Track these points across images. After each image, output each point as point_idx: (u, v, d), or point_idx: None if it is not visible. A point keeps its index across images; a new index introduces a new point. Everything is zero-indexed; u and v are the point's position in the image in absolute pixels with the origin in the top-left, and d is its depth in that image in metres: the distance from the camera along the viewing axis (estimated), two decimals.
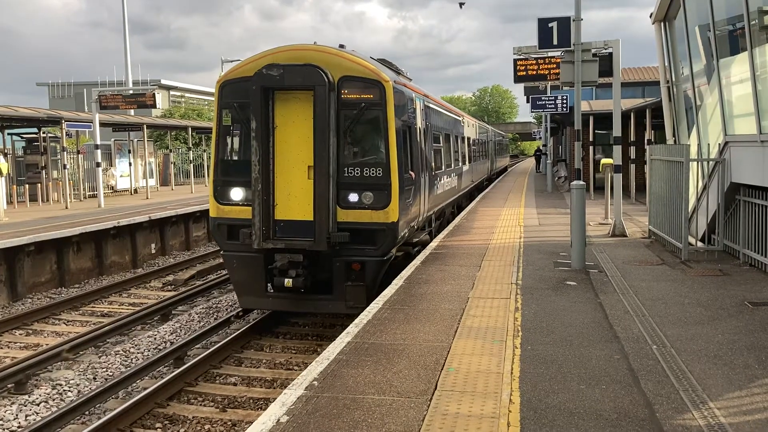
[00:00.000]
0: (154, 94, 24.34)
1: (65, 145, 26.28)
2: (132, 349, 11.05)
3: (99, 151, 25.46)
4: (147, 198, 28.56)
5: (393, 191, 10.55)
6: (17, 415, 8.47)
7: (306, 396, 5.49)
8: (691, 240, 12.39)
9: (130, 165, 32.55)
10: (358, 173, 10.61)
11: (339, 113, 10.47)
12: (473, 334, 7.22)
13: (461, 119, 22.32)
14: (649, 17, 15.81)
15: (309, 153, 10.38)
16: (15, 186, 26.48)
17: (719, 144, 11.98)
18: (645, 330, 7.33)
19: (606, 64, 14.45)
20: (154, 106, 24.85)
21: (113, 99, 24.12)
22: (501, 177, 44.66)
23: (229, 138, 11.38)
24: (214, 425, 8.11)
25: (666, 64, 15.53)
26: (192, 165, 36.64)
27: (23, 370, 9.74)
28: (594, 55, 13.28)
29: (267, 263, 10.83)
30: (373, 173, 10.61)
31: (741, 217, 11.07)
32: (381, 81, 10.59)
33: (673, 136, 15.50)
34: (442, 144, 16.70)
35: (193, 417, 8.34)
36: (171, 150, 38.50)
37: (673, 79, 15.36)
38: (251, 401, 8.83)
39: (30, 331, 12.70)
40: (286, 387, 5.79)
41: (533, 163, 60.64)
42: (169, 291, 16.03)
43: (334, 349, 6.72)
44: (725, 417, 5.00)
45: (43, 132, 28.21)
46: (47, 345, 11.38)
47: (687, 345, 6.77)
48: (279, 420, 5.01)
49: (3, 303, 14.80)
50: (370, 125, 10.88)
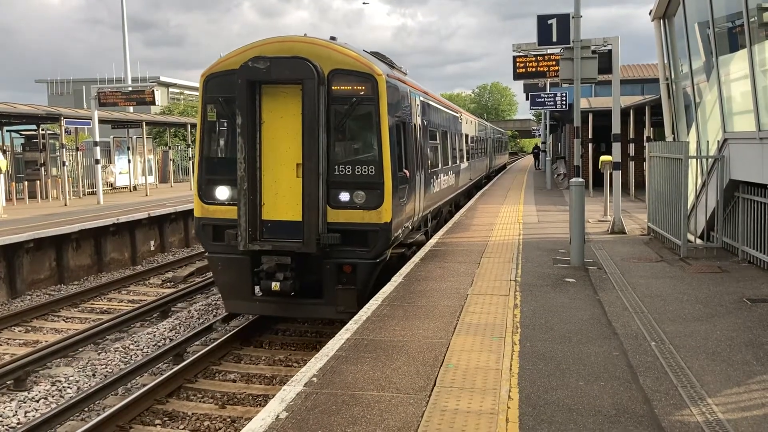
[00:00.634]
0: (153, 91, 24.27)
1: (64, 142, 26.28)
2: (131, 346, 11.05)
3: (98, 148, 25.43)
4: (146, 195, 28.56)
5: (386, 190, 10.12)
6: (16, 412, 8.48)
7: (305, 392, 5.49)
8: (690, 237, 12.40)
9: (129, 162, 32.55)
10: (349, 171, 10.14)
11: (329, 108, 10.02)
12: (472, 330, 7.23)
13: (459, 116, 21.91)
14: (649, 14, 15.82)
15: (298, 150, 9.97)
16: (14, 183, 26.47)
17: (718, 141, 11.99)
18: (644, 327, 7.34)
19: (605, 61, 14.43)
20: (153, 103, 24.79)
21: (112, 96, 24.08)
22: (500, 174, 44.69)
23: (215, 134, 10.91)
24: (213, 422, 8.12)
25: (665, 61, 15.53)
26: (191, 162, 36.64)
27: (23, 366, 9.75)
28: (593, 52, 13.28)
29: (254, 266, 10.37)
30: (365, 171, 10.13)
31: (740, 214, 11.08)
32: (373, 74, 10.11)
33: (673, 133, 15.51)
34: (439, 141, 16.27)
35: (193, 413, 8.35)
36: (170, 147, 38.53)
37: (673, 77, 15.36)
38: (250, 398, 8.84)
39: (29, 328, 12.71)
40: (285, 383, 5.80)
41: (532, 161, 60.71)
42: (169, 288, 16.04)
43: (333, 346, 6.73)
44: (723, 413, 5.01)
45: (42, 129, 28.19)
46: (46, 342, 11.39)
47: (685, 341, 6.78)
48: (278, 416, 5.02)
49: (2, 300, 14.79)
50: (361, 121, 10.41)
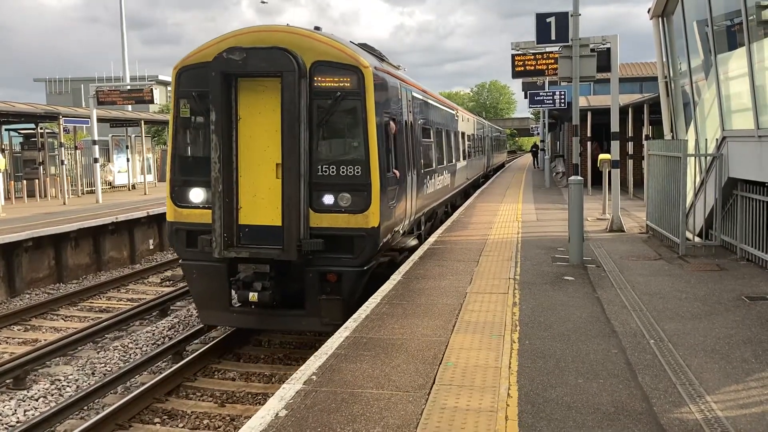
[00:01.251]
0: (151, 89, 24.24)
1: (63, 141, 26.26)
2: (130, 345, 11.06)
3: (96, 147, 25.42)
4: (145, 194, 28.54)
5: (373, 192, 9.42)
6: (16, 411, 8.49)
7: (305, 390, 5.50)
8: (689, 235, 12.41)
9: (127, 161, 32.51)
10: (333, 172, 9.45)
11: (311, 103, 9.33)
12: (471, 328, 7.24)
13: (455, 113, 21.26)
14: (647, 12, 15.81)
15: (277, 149, 9.30)
16: (13, 182, 26.45)
17: (717, 139, 11.99)
18: (642, 325, 7.35)
19: (604, 59, 14.43)
20: (151, 101, 24.80)
21: (111, 95, 24.05)
22: (499, 173, 44.69)
23: (188, 132, 10.20)
24: (212, 420, 8.13)
25: (664, 59, 15.53)
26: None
27: (22, 365, 9.75)
28: (592, 51, 13.27)
29: (231, 274, 9.69)
30: (351, 172, 9.44)
31: (738, 213, 11.09)
32: (359, 66, 9.41)
33: (671, 131, 15.51)
34: (433, 139, 15.58)
35: (192, 412, 8.36)
36: None
37: (671, 75, 15.36)
38: (250, 396, 8.85)
39: (28, 327, 12.71)
40: (284, 382, 5.80)
41: (531, 159, 60.73)
42: (168, 286, 16.04)
43: (332, 344, 6.73)
44: (722, 411, 5.02)
45: (41, 128, 28.18)
46: (46, 340, 11.39)
47: (684, 339, 6.79)
48: (277, 414, 5.03)
49: (1, 299, 14.79)
50: (346, 117, 9.70)
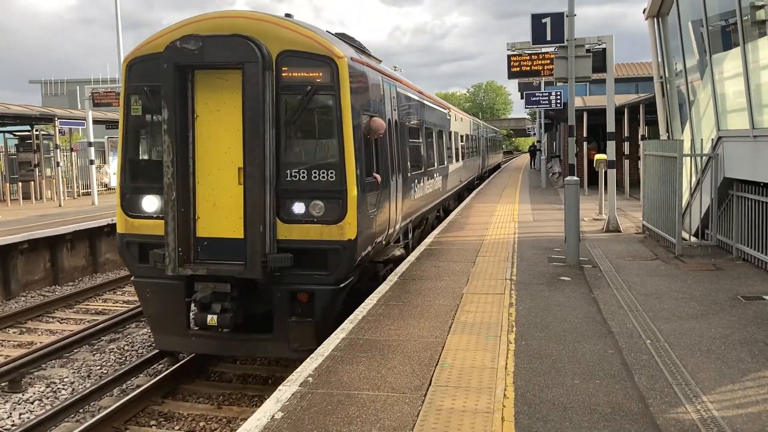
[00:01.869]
0: None
1: (58, 143, 26.21)
2: (126, 347, 11.03)
3: (92, 149, 25.38)
4: None
5: (349, 200, 8.43)
6: (11, 414, 8.46)
7: (301, 392, 5.49)
8: (685, 235, 12.43)
9: None
10: (304, 177, 8.46)
11: (279, 99, 8.35)
12: (468, 329, 7.23)
13: (447, 112, 20.17)
14: (643, 13, 15.84)
15: (239, 151, 8.33)
16: (8, 184, 26.40)
17: (712, 139, 12.02)
18: (639, 325, 7.35)
19: (599, 59, 14.48)
20: None
21: (106, 96, 24.00)
22: (494, 174, 44.69)
23: (141, 132, 9.20)
24: (209, 422, 8.11)
25: (659, 59, 15.56)
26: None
27: (17, 368, 9.71)
28: (587, 51, 13.31)
29: (189, 293, 8.73)
30: (324, 177, 8.46)
31: (734, 212, 11.11)
32: (332, 57, 8.40)
33: (667, 131, 15.54)
34: (421, 140, 14.49)
35: (188, 414, 8.33)
36: None
37: (667, 75, 15.39)
38: (246, 398, 8.83)
39: (24, 330, 12.66)
40: (281, 384, 5.79)
41: (527, 160, 60.80)
42: None
43: (328, 346, 6.72)
44: (718, 410, 5.02)
45: (36, 129, 28.11)
46: (41, 343, 11.35)
47: (680, 339, 6.79)
48: (273, 416, 5.01)
49: None
50: (319, 115, 8.70)
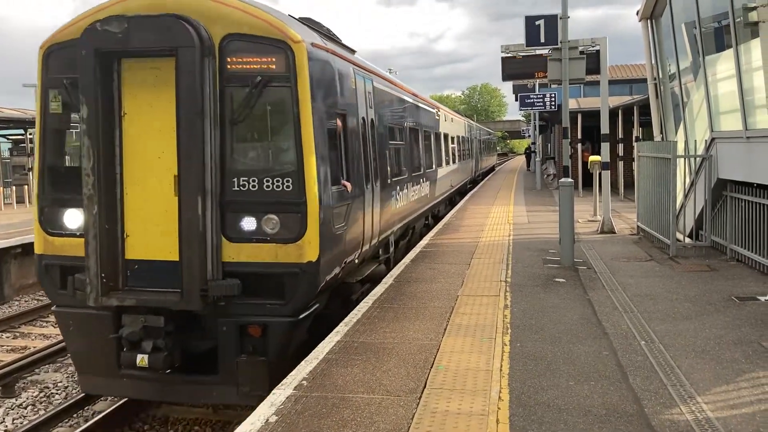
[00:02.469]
0: None
1: None
2: None
3: None
4: None
5: (310, 213, 7.06)
6: (4, 419, 8.42)
7: (295, 396, 5.47)
8: (679, 236, 12.46)
9: None
10: (254, 187, 7.06)
11: (223, 92, 7.02)
12: (462, 331, 7.22)
13: (435, 112, 18.74)
14: (636, 15, 15.90)
15: (175, 155, 6.94)
16: (2, 188, 26.30)
17: (706, 140, 12.06)
18: (633, 326, 7.36)
19: (593, 61, 14.51)
20: None
21: None
22: (489, 176, 44.66)
23: (62, 134, 7.82)
24: (204, 426, 8.08)
25: (653, 61, 15.61)
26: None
27: (11, 373, 9.66)
28: (581, 53, 13.33)
29: (119, 325, 7.18)
30: (279, 186, 7.08)
31: (728, 213, 11.14)
32: (287, 42, 7.01)
33: (661, 132, 15.59)
34: (405, 142, 13.19)
35: (184, 418, 8.30)
36: None
37: (661, 77, 15.45)
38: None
39: (17, 334, 12.61)
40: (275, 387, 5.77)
41: (523, 161, 60.86)
42: None
43: (323, 349, 6.71)
44: (712, 411, 5.03)
45: (30, 133, 28.02)
46: (35, 347, 11.30)
47: (675, 340, 6.80)
48: (268, 420, 4.99)
49: None
50: (272, 111, 7.34)
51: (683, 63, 13.93)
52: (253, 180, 7.09)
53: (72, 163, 7.85)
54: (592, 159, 17.66)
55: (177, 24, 6.76)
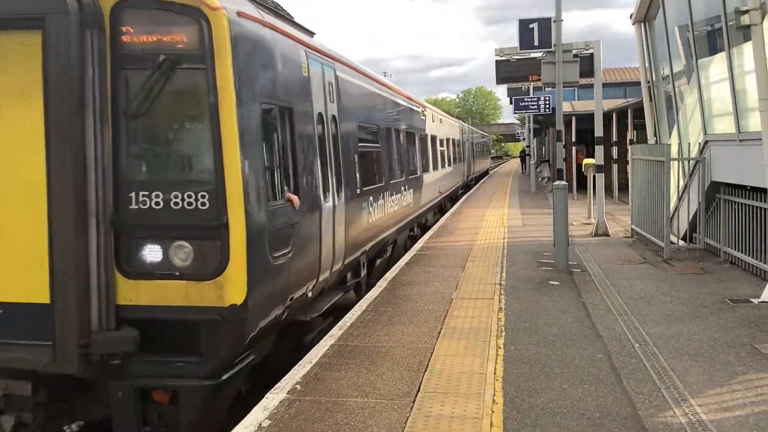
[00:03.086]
0: None
1: None
2: None
3: None
4: None
5: (234, 239, 5.35)
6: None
7: (288, 400, 5.45)
8: (673, 238, 12.49)
9: None
10: (158, 203, 5.35)
11: (116, 77, 5.32)
12: (457, 335, 7.21)
13: (421, 111, 16.89)
14: (630, 18, 15.95)
15: (41, 161, 5.20)
16: None
17: (699, 143, 12.09)
18: (627, 329, 7.36)
19: (587, 64, 14.57)
20: None
21: None
22: (483, 180, 44.58)
23: None
24: None
25: (646, 64, 15.65)
26: None
27: None
28: (575, 56, 13.39)
29: None
30: (192, 202, 5.34)
31: (721, 216, 11.17)
32: (201, 9, 5.27)
33: (655, 135, 15.63)
34: (382, 144, 11.48)
35: None
36: None
37: (654, 80, 15.49)
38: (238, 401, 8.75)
39: None
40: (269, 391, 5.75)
41: (518, 164, 60.97)
42: None
43: (317, 353, 6.68)
44: (706, 414, 5.03)
45: None
46: None
47: (669, 343, 6.80)
48: (261, 424, 4.97)
49: None
50: (182, 103, 5.59)
51: (676, 66, 13.98)
52: (157, 195, 5.35)
53: None
54: (586, 162, 17.70)
55: None
